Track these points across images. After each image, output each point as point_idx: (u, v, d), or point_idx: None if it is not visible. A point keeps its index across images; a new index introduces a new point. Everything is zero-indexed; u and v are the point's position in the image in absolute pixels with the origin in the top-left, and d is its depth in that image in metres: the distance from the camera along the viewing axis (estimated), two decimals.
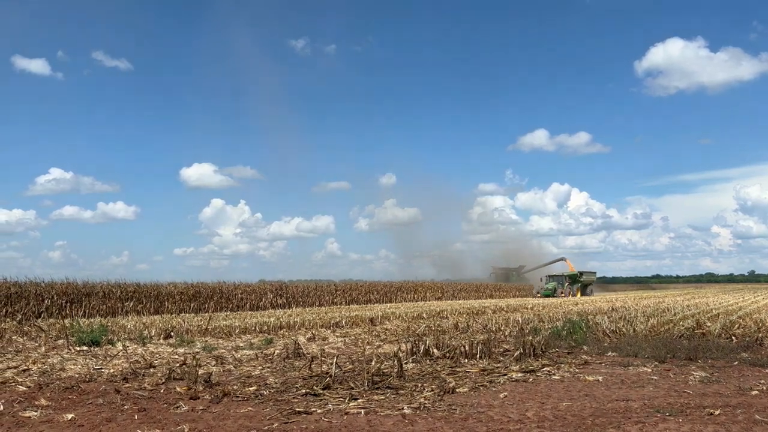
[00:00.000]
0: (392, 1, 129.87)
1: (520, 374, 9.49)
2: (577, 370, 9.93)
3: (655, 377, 9.32)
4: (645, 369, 10.02)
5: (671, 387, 8.54)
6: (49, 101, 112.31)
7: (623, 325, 16.03)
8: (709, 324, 16.12)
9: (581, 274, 60.68)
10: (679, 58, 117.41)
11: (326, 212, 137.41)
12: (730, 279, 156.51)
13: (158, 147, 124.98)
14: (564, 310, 25.97)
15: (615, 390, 8.37)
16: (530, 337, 12.26)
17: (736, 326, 15.79)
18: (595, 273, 66.92)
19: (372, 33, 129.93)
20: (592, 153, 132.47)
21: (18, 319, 23.50)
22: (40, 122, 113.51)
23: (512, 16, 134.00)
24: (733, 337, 13.85)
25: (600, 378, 9.19)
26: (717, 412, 6.93)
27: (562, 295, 54.42)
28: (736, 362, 10.63)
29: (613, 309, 27.07)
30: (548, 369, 9.99)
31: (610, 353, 11.82)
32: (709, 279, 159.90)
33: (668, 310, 24.26)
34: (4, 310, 24.87)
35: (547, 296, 53.01)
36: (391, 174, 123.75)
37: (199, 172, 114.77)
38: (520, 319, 20.39)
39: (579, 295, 56.72)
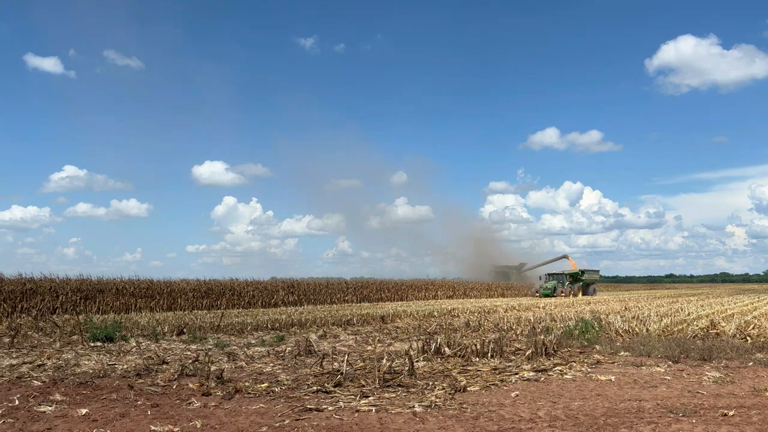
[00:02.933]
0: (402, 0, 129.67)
1: (531, 373, 9.45)
2: (589, 370, 9.88)
3: (669, 377, 9.25)
4: (658, 369, 9.95)
5: (685, 387, 8.47)
6: (62, 99, 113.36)
7: (636, 325, 15.93)
8: (723, 324, 15.96)
9: (583, 272, 57.33)
10: (691, 56, 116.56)
11: (337, 210, 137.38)
12: (745, 279, 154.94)
13: (170, 145, 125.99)
14: (576, 310, 25.84)
15: (627, 390, 8.32)
16: (542, 336, 12.22)
17: (751, 327, 15.62)
18: (598, 271, 63.90)
19: (381, 31, 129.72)
20: (603, 151, 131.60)
21: (33, 314, 23.76)
22: (54, 120, 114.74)
23: (522, 14, 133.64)
24: (748, 338, 13.72)
25: (612, 378, 9.14)
26: (731, 413, 6.87)
27: (562, 294, 51.13)
28: (751, 363, 10.53)
29: (626, 309, 26.90)
30: (560, 368, 9.94)
31: (622, 353, 11.74)
32: (724, 279, 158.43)
33: (682, 310, 24.07)
34: (19, 306, 25.16)
35: (546, 296, 50.06)
36: (402, 172, 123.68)
37: (210, 170, 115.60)
38: (531, 318, 20.32)
39: (580, 294, 53.76)
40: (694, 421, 6.62)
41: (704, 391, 8.18)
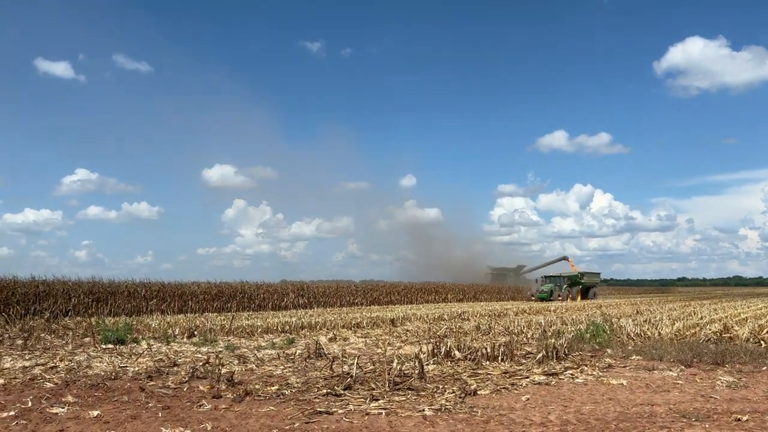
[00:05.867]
0: (407, 1, 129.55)
1: (542, 377, 9.41)
2: (600, 374, 9.81)
3: (681, 381, 9.17)
4: (670, 373, 9.87)
5: (697, 392, 8.40)
6: (73, 103, 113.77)
7: (648, 329, 15.81)
8: (736, 328, 15.80)
9: (582, 275, 54.45)
10: (699, 58, 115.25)
11: (346, 213, 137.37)
12: (759, 282, 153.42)
13: (179, 148, 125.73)
14: (588, 313, 25.72)
15: (639, 394, 8.26)
16: (553, 340, 12.16)
17: (765, 331, 15.43)
18: (599, 274, 60.96)
19: (388, 35, 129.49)
20: (612, 154, 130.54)
21: (46, 317, 23.93)
22: (65, 124, 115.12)
23: (529, 17, 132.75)
24: (762, 342, 13.57)
25: (624, 382, 9.07)
26: (745, 418, 6.80)
27: (560, 298, 48.28)
28: (765, 367, 10.41)
29: (637, 312, 26.74)
30: (571, 372, 9.88)
31: (634, 357, 11.66)
32: (737, 282, 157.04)
33: (694, 314, 23.87)
34: (32, 308, 25.34)
35: (543, 299, 47.63)
36: (411, 175, 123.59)
37: (220, 173, 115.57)
38: (542, 321, 20.22)
39: (579, 298, 50.87)
40: (707, 426, 6.56)
41: (717, 396, 8.10)
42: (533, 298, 50.26)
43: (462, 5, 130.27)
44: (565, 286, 50.92)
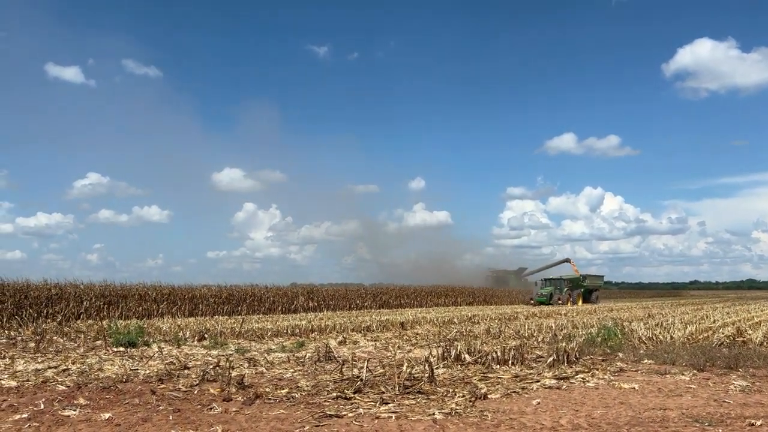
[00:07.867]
0: (414, 5, 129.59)
1: (553, 381, 9.36)
2: (612, 378, 9.75)
3: (694, 386, 9.09)
4: (683, 377, 9.79)
5: (710, 396, 8.32)
6: (84, 108, 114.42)
7: (660, 332, 15.69)
8: (750, 332, 15.65)
9: (584, 278, 52.87)
10: (708, 60, 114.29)
11: (355, 216, 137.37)
12: None
13: (189, 152, 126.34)
14: (599, 317, 25.57)
15: (651, 398, 8.20)
16: (564, 344, 12.10)
17: None
18: (602, 277, 58.94)
19: (394, 38, 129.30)
20: (622, 156, 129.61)
21: (58, 320, 24.12)
22: (76, 128, 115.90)
23: (537, 18, 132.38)
24: None
25: (636, 386, 9.01)
26: (759, 423, 6.73)
27: (560, 302, 46.40)
28: None
29: (649, 316, 26.56)
30: (582, 376, 9.83)
31: (646, 361, 11.57)
32: (750, 285, 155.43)
33: (707, 318, 23.67)
34: (45, 312, 25.53)
35: (542, 303, 45.98)
36: (420, 178, 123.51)
37: (229, 177, 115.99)
38: (553, 325, 20.12)
39: (580, 302, 49.55)
40: (720, 431, 6.50)
41: (730, 400, 8.02)
42: (532, 301, 48.50)
43: (468, 8, 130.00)
44: (565, 289, 48.99)
